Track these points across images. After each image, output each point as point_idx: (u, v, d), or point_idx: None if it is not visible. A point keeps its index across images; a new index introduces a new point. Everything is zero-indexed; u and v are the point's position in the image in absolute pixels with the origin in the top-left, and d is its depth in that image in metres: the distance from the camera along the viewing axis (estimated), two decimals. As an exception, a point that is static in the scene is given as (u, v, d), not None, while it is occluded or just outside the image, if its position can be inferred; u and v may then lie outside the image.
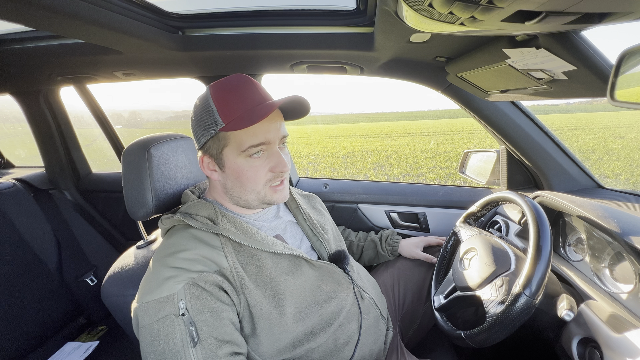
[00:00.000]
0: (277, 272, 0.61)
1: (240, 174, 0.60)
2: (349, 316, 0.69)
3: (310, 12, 0.88)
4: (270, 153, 0.61)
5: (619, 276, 0.64)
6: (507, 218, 1.00)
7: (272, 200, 0.64)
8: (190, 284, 0.52)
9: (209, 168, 0.63)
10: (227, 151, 0.60)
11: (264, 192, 0.63)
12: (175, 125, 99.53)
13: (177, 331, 0.49)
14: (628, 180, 7.21)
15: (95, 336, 1.42)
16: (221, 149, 0.60)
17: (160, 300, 0.50)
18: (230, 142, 0.59)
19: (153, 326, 0.49)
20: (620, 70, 0.41)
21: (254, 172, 0.60)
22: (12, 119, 24.32)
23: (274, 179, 0.63)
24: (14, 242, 1.30)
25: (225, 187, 0.64)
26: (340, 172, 8.63)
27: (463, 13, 0.41)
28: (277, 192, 0.64)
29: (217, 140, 0.59)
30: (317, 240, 0.76)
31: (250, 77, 0.62)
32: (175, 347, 0.48)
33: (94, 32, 0.74)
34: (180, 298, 0.50)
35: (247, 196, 0.63)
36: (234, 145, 0.59)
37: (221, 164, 0.61)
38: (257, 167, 0.60)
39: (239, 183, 0.61)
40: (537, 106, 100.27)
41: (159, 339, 0.49)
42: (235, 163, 0.60)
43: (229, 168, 0.61)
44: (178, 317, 0.49)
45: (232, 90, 0.59)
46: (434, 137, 17.40)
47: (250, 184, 0.61)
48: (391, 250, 1.03)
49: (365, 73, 1.10)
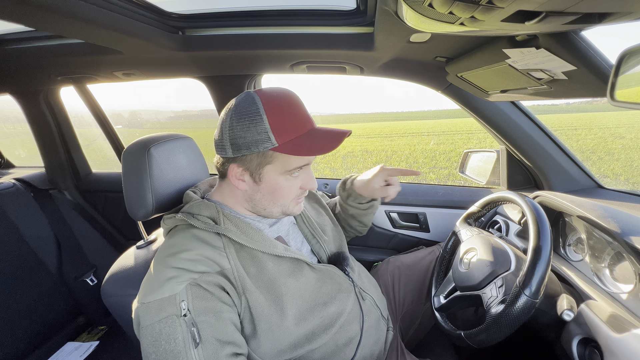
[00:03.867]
0: (279, 274, 0.61)
1: (276, 191, 0.61)
2: (350, 317, 0.69)
3: (310, 12, 0.88)
4: (305, 172, 0.64)
5: (619, 276, 0.64)
6: (507, 218, 1.00)
7: (292, 211, 0.66)
8: (192, 285, 0.52)
9: (237, 177, 0.61)
10: (269, 168, 0.59)
11: (288, 205, 0.64)
12: (175, 125, 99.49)
13: (178, 332, 0.49)
14: (628, 180, 7.21)
15: (95, 336, 1.42)
16: (263, 165, 0.59)
17: (162, 300, 0.50)
18: (276, 161, 0.58)
19: (155, 326, 0.49)
20: (620, 70, 0.41)
21: (289, 189, 0.62)
22: (12, 119, 24.33)
23: (301, 194, 0.66)
24: (14, 242, 1.30)
25: (252, 198, 0.63)
26: (340, 172, 8.64)
27: (463, 13, 0.41)
28: (298, 204, 0.67)
29: (261, 156, 0.58)
30: (317, 243, 0.76)
31: (295, 93, 0.61)
32: (177, 347, 0.48)
33: (94, 32, 0.74)
34: (182, 299, 0.50)
35: (273, 208, 0.64)
36: (279, 165, 0.59)
37: (258, 178, 0.60)
38: (293, 184, 0.62)
39: (271, 197, 0.62)
40: (537, 106, 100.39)
41: (161, 340, 0.49)
42: (275, 180, 0.60)
43: (267, 184, 0.60)
44: (180, 318, 0.49)
45: (286, 107, 0.58)
46: (434, 137, 17.41)
47: (283, 199, 0.63)
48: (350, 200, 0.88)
49: (365, 73, 1.10)
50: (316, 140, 0.57)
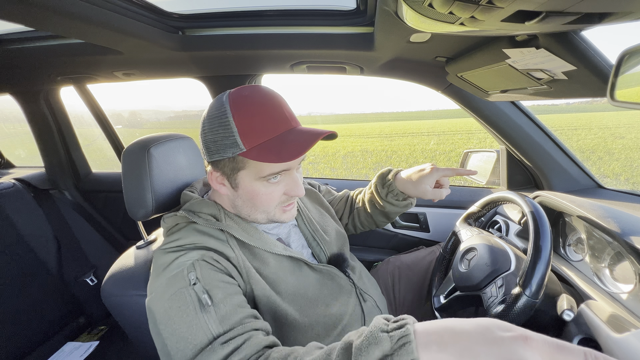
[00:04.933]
0: (280, 270, 0.61)
1: (255, 197, 0.58)
2: (352, 319, 0.69)
3: (310, 12, 0.88)
4: (287, 177, 0.59)
5: (619, 276, 0.64)
6: (507, 218, 1.00)
7: (280, 219, 0.63)
8: (198, 260, 0.51)
9: (218, 182, 0.60)
10: (243, 174, 0.56)
11: (273, 212, 0.61)
12: (175, 125, 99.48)
13: (189, 300, 0.46)
14: (628, 180, 7.21)
15: (95, 336, 1.42)
16: (237, 171, 0.56)
17: (169, 278, 0.49)
18: (248, 166, 0.55)
19: (164, 305, 0.47)
20: (620, 70, 0.41)
21: (268, 196, 0.58)
22: (12, 119, 24.29)
23: (286, 201, 0.61)
24: (14, 242, 1.30)
25: (234, 204, 0.62)
26: (340, 172, 8.64)
27: (463, 13, 0.41)
28: (286, 212, 0.62)
29: (233, 162, 0.55)
30: (317, 245, 0.75)
31: (273, 91, 0.57)
32: (188, 316, 0.45)
33: (94, 32, 0.74)
34: (190, 271, 0.49)
35: (256, 215, 0.61)
36: (252, 171, 0.55)
37: (234, 184, 0.58)
38: (273, 191, 0.58)
39: (250, 204, 0.60)
40: (537, 106, 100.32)
41: (172, 316, 0.45)
42: (250, 186, 0.57)
43: (243, 189, 0.58)
44: (189, 288, 0.47)
45: (256, 108, 0.53)
46: (434, 137, 17.41)
47: (263, 206, 0.59)
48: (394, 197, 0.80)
49: (365, 73, 1.10)
50: (287, 144, 0.52)
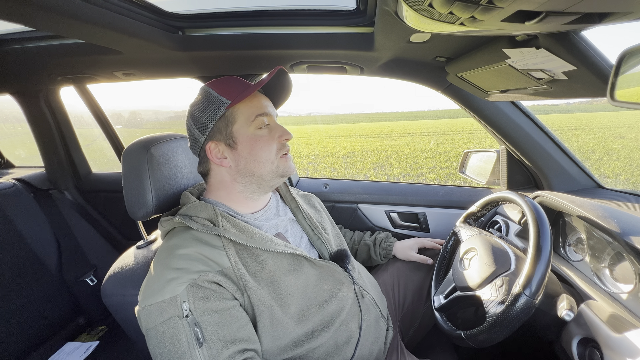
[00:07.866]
0: (279, 271, 0.61)
1: (254, 144, 0.64)
2: (350, 316, 0.69)
3: (310, 12, 0.88)
4: (273, 126, 0.67)
5: (619, 276, 0.64)
6: (507, 218, 1.00)
7: (286, 170, 0.68)
8: (192, 285, 0.52)
9: (218, 156, 0.65)
10: (237, 127, 0.64)
11: (277, 161, 0.66)
12: (175, 125, 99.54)
13: (182, 333, 0.49)
14: (628, 180, 7.21)
15: (95, 336, 1.42)
16: (231, 126, 0.63)
17: (163, 302, 0.50)
18: (238, 117, 0.63)
19: (158, 329, 0.50)
20: (620, 70, 0.41)
21: (265, 139, 0.65)
22: (12, 119, 24.30)
23: (282, 147, 0.67)
24: (14, 242, 1.30)
25: (238, 170, 0.65)
26: (340, 172, 8.64)
27: (463, 13, 0.41)
28: (288, 161, 0.68)
29: (224, 120, 0.63)
30: (318, 239, 0.76)
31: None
32: (181, 348, 0.49)
33: (94, 32, 0.74)
34: (183, 300, 0.51)
35: (262, 169, 0.65)
36: (242, 119, 0.63)
37: (232, 141, 0.64)
38: (267, 137, 0.65)
39: (252, 157, 0.64)
40: (537, 106, 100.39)
41: (165, 341, 0.49)
42: (247, 135, 0.64)
43: (242, 142, 0.64)
44: (182, 319, 0.50)
45: (227, 79, 0.67)
46: (434, 137, 17.40)
47: (265, 153, 0.64)
48: (384, 254, 1.03)
49: (365, 73, 1.10)
50: (253, 86, 0.65)
